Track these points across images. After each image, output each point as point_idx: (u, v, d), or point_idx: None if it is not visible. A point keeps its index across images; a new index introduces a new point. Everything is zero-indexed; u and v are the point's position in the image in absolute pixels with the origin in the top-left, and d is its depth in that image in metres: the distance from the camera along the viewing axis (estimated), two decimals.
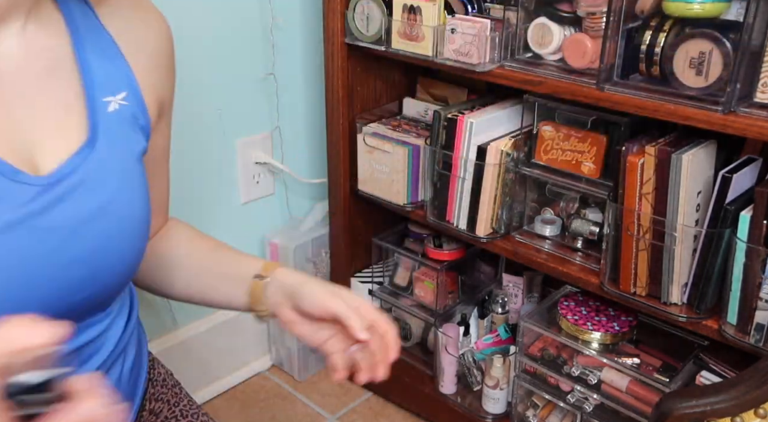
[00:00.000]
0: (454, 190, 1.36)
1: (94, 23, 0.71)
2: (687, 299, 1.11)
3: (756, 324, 1.02)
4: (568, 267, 1.26)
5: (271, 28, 1.56)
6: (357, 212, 1.61)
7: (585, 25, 1.13)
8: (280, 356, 1.81)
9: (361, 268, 1.70)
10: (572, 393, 1.32)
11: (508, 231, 1.36)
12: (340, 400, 1.72)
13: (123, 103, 0.72)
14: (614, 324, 1.29)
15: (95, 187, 0.67)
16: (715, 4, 0.98)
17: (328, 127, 1.52)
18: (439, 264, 1.52)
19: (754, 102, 0.97)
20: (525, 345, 1.37)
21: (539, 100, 1.26)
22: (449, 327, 1.53)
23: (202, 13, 1.43)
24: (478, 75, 1.23)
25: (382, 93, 1.56)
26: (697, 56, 0.98)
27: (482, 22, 1.20)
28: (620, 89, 1.07)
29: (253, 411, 1.69)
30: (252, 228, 1.70)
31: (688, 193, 1.05)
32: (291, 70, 1.64)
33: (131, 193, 0.71)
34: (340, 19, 1.39)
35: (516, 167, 1.31)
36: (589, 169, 1.22)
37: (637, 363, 1.25)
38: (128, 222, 0.70)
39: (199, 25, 1.43)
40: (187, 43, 1.43)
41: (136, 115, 0.73)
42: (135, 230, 0.72)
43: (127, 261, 0.72)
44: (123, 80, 0.72)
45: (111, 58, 0.72)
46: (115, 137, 0.70)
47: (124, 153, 0.71)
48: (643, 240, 1.11)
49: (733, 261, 1.02)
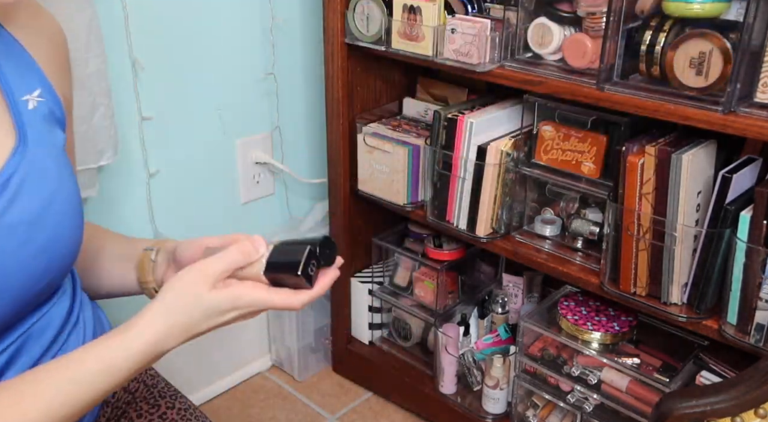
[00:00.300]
0: (454, 190, 1.36)
1: (3, 33, 0.75)
2: (687, 299, 1.11)
3: (756, 324, 1.02)
4: (568, 267, 1.26)
5: (271, 28, 1.56)
6: (357, 212, 1.61)
7: (585, 25, 1.13)
8: (280, 356, 1.81)
9: (361, 268, 1.70)
10: (572, 393, 1.32)
11: (508, 231, 1.36)
12: (340, 400, 1.72)
13: (40, 99, 0.75)
14: (614, 324, 1.29)
15: (39, 180, 0.71)
16: (715, 4, 0.98)
17: (328, 127, 1.52)
18: (439, 264, 1.52)
19: (754, 102, 0.97)
20: (525, 345, 1.37)
21: (539, 100, 1.26)
22: (449, 327, 1.53)
23: (202, 13, 1.43)
24: (478, 75, 1.23)
25: (382, 93, 1.56)
26: (697, 56, 0.98)
27: (482, 22, 1.20)
28: (620, 89, 1.07)
29: (253, 411, 1.69)
30: (252, 228, 1.70)
31: (688, 193, 1.05)
32: (291, 70, 1.64)
33: (69, 182, 0.75)
34: (340, 19, 1.39)
35: (516, 167, 1.31)
36: (589, 169, 1.22)
37: (637, 363, 1.25)
38: (71, 208, 0.75)
39: (199, 24, 1.43)
40: (187, 42, 1.43)
41: (53, 109, 0.77)
42: (77, 215, 0.76)
43: (76, 245, 0.77)
44: (35, 78, 0.76)
45: (22, 60, 0.76)
46: (40, 132, 0.74)
47: (51, 146, 0.75)
48: (643, 240, 1.11)
49: (733, 261, 1.02)
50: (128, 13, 1.31)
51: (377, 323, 1.72)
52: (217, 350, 1.69)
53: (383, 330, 1.74)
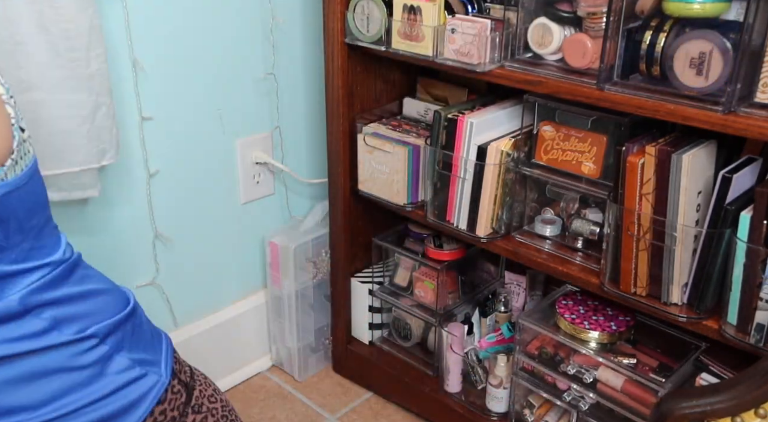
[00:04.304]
0: (454, 190, 1.36)
1: None
2: (687, 299, 1.11)
3: (756, 324, 1.02)
4: (568, 267, 1.26)
5: (271, 28, 1.56)
6: (357, 212, 1.61)
7: (585, 25, 1.13)
8: (280, 356, 1.81)
9: (361, 268, 1.70)
10: (568, 392, 1.32)
11: (508, 232, 1.36)
12: (340, 400, 1.72)
13: None
14: (611, 324, 1.29)
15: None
16: (715, 4, 0.98)
17: (328, 127, 1.52)
18: (439, 264, 1.52)
19: (754, 102, 0.97)
20: (523, 343, 1.37)
21: (539, 100, 1.26)
22: (454, 325, 1.53)
23: (202, 13, 1.43)
24: (478, 75, 1.23)
25: (382, 93, 1.56)
26: (697, 56, 0.98)
27: (482, 22, 1.20)
28: (620, 89, 1.07)
29: (253, 411, 1.69)
30: (252, 228, 1.70)
31: (689, 193, 1.05)
32: (291, 70, 1.64)
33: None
34: (340, 19, 1.39)
35: (516, 167, 1.31)
36: (589, 169, 1.22)
37: (633, 362, 1.25)
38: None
39: (199, 25, 1.43)
40: (188, 42, 1.43)
41: None
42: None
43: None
44: None
45: None
46: None
47: None
48: (644, 241, 1.11)
49: (733, 262, 1.02)
50: (129, 14, 1.31)
51: (377, 323, 1.72)
52: (217, 350, 1.69)
53: (383, 330, 1.74)
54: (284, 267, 1.67)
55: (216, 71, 1.50)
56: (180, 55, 1.43)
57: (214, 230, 1.62)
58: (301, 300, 1.70)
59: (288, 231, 1.71)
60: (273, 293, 1.74)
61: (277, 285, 1.71)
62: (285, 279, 1.68)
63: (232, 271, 1.70)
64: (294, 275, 1.67)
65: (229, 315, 1.71)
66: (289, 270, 1.66)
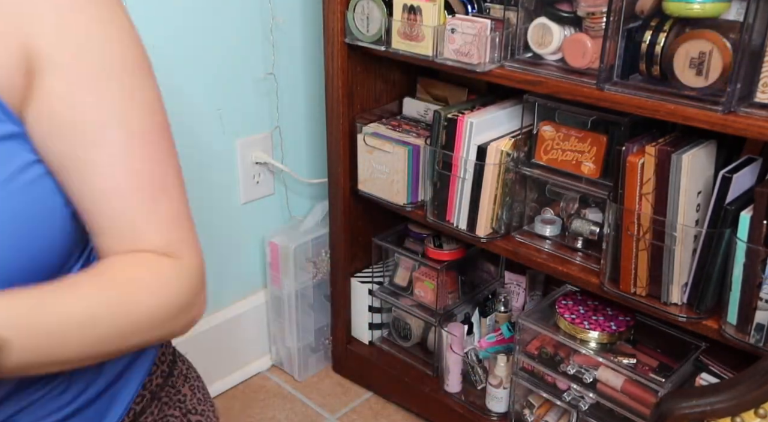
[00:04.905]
0: (454, 190, 1.36)
1: None
2: (687, 299, 1.11)
3: (756, 324, 1.02)
4: (568, 267, 1.26)
5: (271, 28, 1.56)
6: (357, 212, 1.61)
7: (585, 25, 1.13)
8: (280, 356, 1.81)
9: (361, 268, 1.70)
10: (568, 392, 1.32)
11: (508, 231, 1.36)
12: (340, 400, 1.72)
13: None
14: (611, 324, 1.29)
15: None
16: (715, 4, 0.98)
17: (328, 127, 1.52)
18: (439, 264, 1.52)
19: (754, 102, 0.97)
20: (523, 343, 1.37)
21: (539, 100, 1.26)
22: (454, 326, 1.53)
23: (202, 13, 1.43)
24: (478, 75, 1.23)
25: (382, 93, 1.56)
26: (697, 56, 0.98)
27: (482, 22, 1.20)
28: (620, 89, 1.07)
29: (253, 411, 1.69)
30: (252, 228, 1.70)
31: (688, 193, 1.05)
32: (291, 70, 1.64)
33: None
34: (340, 19, 1.39)
35: (516, 167, 1.31)
36: (589, 169, 1.22)
37: (633, 362, 1.25)
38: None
39: (199, 24, 1.43)
40: (188, 42, 1.43)
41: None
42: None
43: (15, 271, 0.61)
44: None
45: None
46: None
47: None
48: (643, 241, 1.11)
49: (733, 262, 1.02)
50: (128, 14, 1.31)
51: (377, 323, 1.72)
52: (217, 350, 1.69)
53: (383, 330, 1.74)
54: (284, 267, 1.67)
55: (216, 71, 1.50)
56: (180, 54, 1.42)
57: (214, 230, 1.62)
58: (301, 300, 1.70)
59: (288, 231, 1.71)
60: (273, 293, 1.74)
61: (277, 285, 1.71)
62: (285, 279, 1.68)
63: (232, 271, 1.70)
64: (294, 275, 1.67)
65: (229, 315, 1.71)
66: (289, 270, 1.66)
